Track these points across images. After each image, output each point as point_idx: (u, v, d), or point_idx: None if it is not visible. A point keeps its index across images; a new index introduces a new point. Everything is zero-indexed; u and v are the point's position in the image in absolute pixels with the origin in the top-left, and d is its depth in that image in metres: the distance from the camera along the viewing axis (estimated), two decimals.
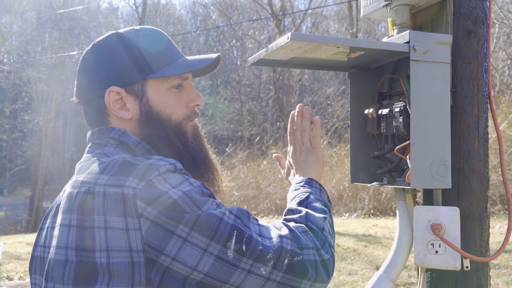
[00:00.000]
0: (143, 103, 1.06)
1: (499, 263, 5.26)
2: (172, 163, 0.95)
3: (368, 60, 1.47)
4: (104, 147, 1.04)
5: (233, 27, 22.88)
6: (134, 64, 1.05)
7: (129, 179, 0.90)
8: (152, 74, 1.05)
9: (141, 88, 1.06)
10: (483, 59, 1.34)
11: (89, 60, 1.08)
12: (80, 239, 0.89)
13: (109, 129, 1.06)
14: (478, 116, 1.33)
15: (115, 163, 0.94)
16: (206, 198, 0.93)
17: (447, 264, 1.25)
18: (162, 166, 0.93)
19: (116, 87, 1.04)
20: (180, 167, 0.97)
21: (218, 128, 22.39)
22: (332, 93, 19.47)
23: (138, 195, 0.88)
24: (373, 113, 1.46)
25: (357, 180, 1.56)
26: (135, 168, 0.92)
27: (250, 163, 13.86)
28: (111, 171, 0.93)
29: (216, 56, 1.11)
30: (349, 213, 10.18)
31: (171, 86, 1.08)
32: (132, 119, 1.06)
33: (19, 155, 24.95)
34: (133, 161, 0.94)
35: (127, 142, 1.04)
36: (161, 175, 0.91)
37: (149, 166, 0.92)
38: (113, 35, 1.08)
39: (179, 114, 1.09)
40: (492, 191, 8.50)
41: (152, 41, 1.08)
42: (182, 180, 0.93)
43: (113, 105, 1.05)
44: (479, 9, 1.34)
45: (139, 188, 0.88)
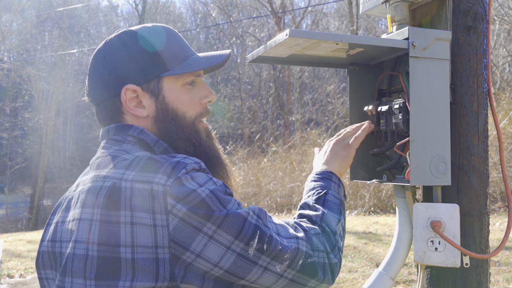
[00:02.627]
0: (159, 100, 1.06)
1: (499, 260, 5.26)
2: (197, 162, 0.96)
3: (367, 57, 1.47)
4: (122, 144, 1.03)
5: (233, 24, 22.85)
6: (149, 61, 1.05)
7: (158, 175, 0.91)
8: (167, 71, 1.05)
9: (156, 85, 1.06)
10: (482, 56, 1.34)
11: (102, 59, 1.07)
12: (104, 234, 0.89)
13: (127, 126, 1.06)
14: (477, 112, 1.32)
15: (140, 160, 0.95)
16: (229, 197, 0.95)
17: (446, 261, 1.25)
18: (189, 164, 0.94)
19: (132, 85, 1.04)
20: (204, 166, 0.98)
21: (219, 126, 22.38)
22: (333, 91, 19.45)
23: (168, 191, 0.89)
24: (372, 110, 1.46)
25: (357, 177, 1.56)
26: (162, 166, 0.92)
27: (250, 160, 13.86)
28: (137, 167, 0.93)
29: (228, 52, 1.13)
30: (349, 210, 10.19)
31: (185, 83, 1.08)
32: (148, 117, 1.06)
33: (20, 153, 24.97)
34: (159, 159, 0.94)
35: (145, 140, 1.04)
36: (188, 173, 0.92)
37: (176, 164, 0.93)
38: (127, 33, 1.08)
39: (194, 112, 1.10)
40: (493, 188, 8.50)
41: (165, 38, 1.08)
42: (207, 179, 0.95)
43: (129, 102, 1.05)
44: (479, 5, 1.33)
45: (168, 185, 0.89)
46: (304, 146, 13.40)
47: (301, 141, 13.89)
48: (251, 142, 17.23)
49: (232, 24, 22.77)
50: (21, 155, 24.92)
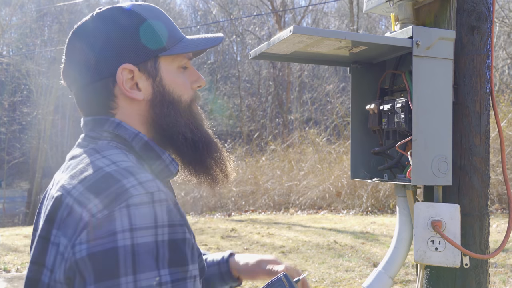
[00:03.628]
0: (156, 82, 0.97)
1: (496, 261, 5.27)
2: (151, 191, 0.79)
3: (370, 56, 1.46)
4: (97, 141, 0.94)
5: (233, 22, 22.82)
6: (146, 39, 0.95)
7: (95, 201, 0.77)
8: (164, 51, 0.97)
9: (154, 66, 0.97)
10: (485, 56, 1.33)
11: (90, 34, 0.95)
12: (37, 251, 0.82)
13: (103, 120, 0.95)
14: (480, 113, 1.32)
15: (98, 173, 0.82)
16: (154, 264, 0.74)
17: (446, 261, 1.25)
18: (136, 196, 0.77)
19: (129, 64, 0.94)
20: (161, 198, 0.79)
21: (217, 123, 22.37)
22: (332, 90, 19.46)
23: (89, 225, 0.75)
24: (374, 109, 1.45)
25: (358, 176, 1.56)
26: (108, 189, 0.78)
27: (249, 159, 13.85)
28: (89, 182, 0.82)
29: (221, 35, 1.06)
30: (347, 210, 10.20)
31: (180, 65, 1.01)
32: (144, 100, 0.96)
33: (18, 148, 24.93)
34: (116, 175, 0.81)
35: (122, 135, 0.94)
36: (129, 208, 0.76)
37: (123, 192, 0.77)
38: (118, 8, 0.98)
39: (188, 95, 1.02)
40: (490, 190, 8.51)
41: (160, 16, 1.00)
42: (147, 224, 0.76)
43: (125, 84, 0.94)
44: (483, 5, 1.33)
45: (96, 217, 0.75)
46: (302, 145, 13.40)
47: (299, 140, 13.89)
48: (250, 140, 17.22)
49: (232, 22, 22.74)
50: (19, 149, 24.88)
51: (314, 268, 5.66)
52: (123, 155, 0.89)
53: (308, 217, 9.77)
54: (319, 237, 7.38)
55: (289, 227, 8.53)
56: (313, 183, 11.20)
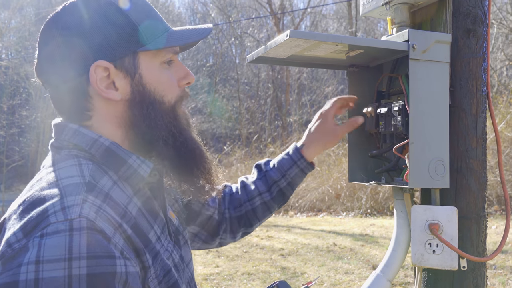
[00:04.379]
0: (135, 81, 0.88)
1: (495, 263, 5.27)
2: (70, 218, 0.70)
3: (367, 59, 1.47)
4: (60, 151, 0.87)
5: (232, 25, 22.85)
6: (123, 33, 0.86)
7: (16, 230, 0.70)
8: (144, 45, 0.87)
9: (132, 63, 0.87)
10: (482, 59, 1.34)
11: (62, 28, 0.86)
12: None
13: (61, 127, 0.88)
14: (476, 115, 1.33)
15: (33, 196, 0.76)
16: None
17: (444, 263, 1.25)
18: (52, 224, 0.69)
19: (103, 61, 0.84)
20: (81, 226, 0.69)
21: (216, 126, 22.37)
22: (331, 92, 19.48)
23: (6, 255, 0.68)
24: (371, 112, 1.46)
25: (355, 179, 1.56)
26: (34, 214, 0.71)
27: (248, 161, 13.85)
28: (23, 206, 0.75)
29: (210, 26, 0.97)
30: (346, 212, 10.19)
31: (163, 61, 0.91)
32: (122, 100, 0.87)
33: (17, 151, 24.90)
34: (48, 198, 0.74)
35: (79, 144, 0.85)
36: (42, 238, 0.67)
37: (43, 220, 0.70)
38: (90, 0, 0.87)
39: (173, 95, 0.92)
40: (489, 192, 8.52)
41: (139, 8, 0.90)
42: (58, 256, 0.66)
43: (100, 83, 0.85)
44: (479, 8, 1.33)
45: (13, 248, 0.68)
46: None
47: None
48: (249, 143, 17.22)
49: (231, 24, 22.77)
50: (18, 153, 24.85)
51: (314, 270, 5.65)
52: (76, 167, 0.82)
53: (307, 220, 9.76)
54: (319, 240, 7.38)
55: (288, 230, 8.53)
56: (312, 185, 11.20)
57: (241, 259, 6.39)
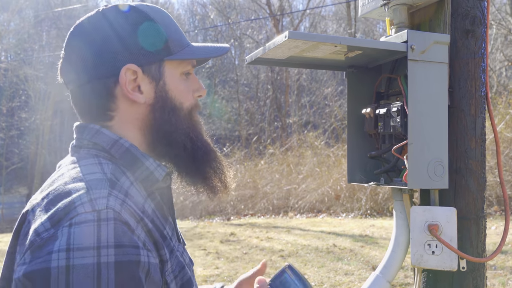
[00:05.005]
0: (159, 86, 0.94)
1: (495, 264, 5.27)
2: (98, 209, 0.74)
3: (366, 60, 1.47)
4: (79, 150, 0.91)
5: (231, 26, 22.87)
6: (153, 41, 0.92)
7: (44, 220, 0.74)
8: (170, 55, 0.94)
9: (158, 69, 0.93)
10: (480, 59, 1.34)
11: (94, 29, 0.91)
12: (5, 267, 0.80)
13: (82, 128, 0.92)
14: (475, 116, 1.33)
15: (58, 190, 0.79)
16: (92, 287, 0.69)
17: (443, 264, 1.25)
18: (81, 214, 0.72)
19: (134, 65, 0.90)
20: (109, 217, 0.73)
21: (216, 127, 22.37)
22: (330, 93, 19.48)
23: (35, 244, 0.72)
24: (370, 113, 1.46)
25: (354, 180, 1.56)
26: (61, 205, 0.75)
27: (248, 162, 13.85)
28: (48, 199, 0.79)
29: (228, 46, 1.04)
30: (346, 213, 10.19)
31: (183, 72, 0.98)
32: (145, 104, 0.93)
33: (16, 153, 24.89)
34: (73, 191, 0.77)
35: (100, 143, 0.90)
36: (71, 227, 0.71)
37: (71, 211, 0.73)
38: (124, 6, 0.94)
39: (190, 103, 0.99)
40: (489, 192, 8.52)
41: (166, 20, 0.96)
42: (87, 244, 0.70)
43: (128, 85, 0.90)
44: (477, 9, 1.34)
45: (41, 237, 0.72)
46: (301, 148, 13.41)
47: (298, 144, 13.90)
48: (249, 144, 17.22)
49: (230, 26, 22.79)
50: (17, 155, 24.84)
51: (313, 271, 5.65)
52: (97, 165, 0.85)
53: (307, 221, 9.76)
54: (318, 241, 7.37)
55: (288, 231, 8.52)
56: (312, 186, 11.20)
57: (241, 260, 6.39)
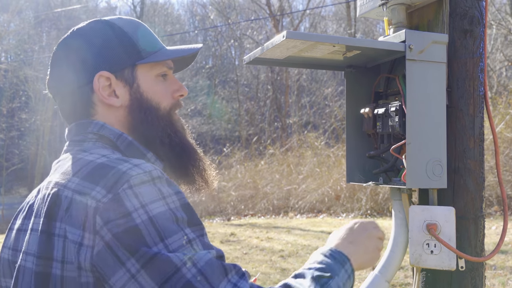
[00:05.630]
0: (133, 89, 1.01)
1: (495, 264, 5.27)
2: (148, 170, 0.84)
3: (364, 60, 1.47)
4: (82, 143, 0.97)
5: (231, 27, 22.88)
6: (123, 49, 1.01)
7: (97, 188, 0.81)
8: (141, 59, 1.02)
9: (131, 74, 1.01)
10: (479, 59, 1.34)
11: (71, 47, 1.02)
12: (42, 246, 0.83)
13: (86, 123, 1.00)
14: (473, 116, 1.33)
15: (91, 165, 0.87)
16: (177, 227, 0.81)
17: (442, 264, 1.25)
18: (135, 176, 0.82)
19: (106, 72, 0.99)
20: (158, 175, 0.85)
21: (216, 128, 22.38)
22: (330, 94, 19.48)
23: (99, 209, 0.79)
24: (369, 113, 1.46)
25: (353, 180, 1.56)
26: (106, 175, 0.83)
27: (248, 163, 13.85)
28: (83, 173, 0.85)
29: (199, 46, 1.10)
30: (346, 213, 10.19)
31: (158, 74, 1.05)
32: (122, 106, 1.01)
33: (16, 154, 24.90)
34: (109, 164, 0.85)
35: (107, 135, 0.98)
36: (132, 188, 0.81)
37: (122, 175, 0.82)
38: (98, 21, 1.04)
39: (167, 103, 1.05)
40: (489, 192, 8.52)
41: (137, 28, 1.05)
42: (155, 198, 0.82)
43: (103, 90, 0.99)
44: (475, 9, 1.34)
45: (103, 202, 0.79)
46: (301, 148, 13.41)
47: (298, 144, 13.90)
48: (249, 145, 17.23)
49: (230, 26, 22.80)
50: (17, 156, 24.85)
51: None
52: (111, 151, 0.93)
53: (307, 221, 9.76)
54: (319, 241, 7.37)
55: (288, 231, 8.52)
56: (312, 186, 11.20)
57: (241, 260, 6.39)
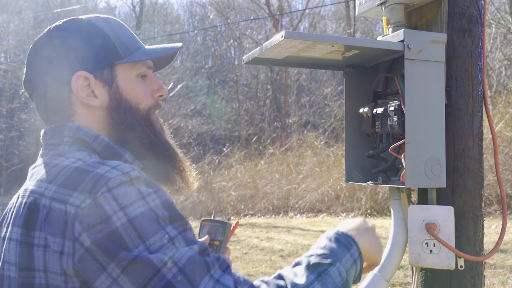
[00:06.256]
0: (112, 89, 0.99)
1: (495, 263, 5.27)
2: (126, 171, 0.83)
3: (363, 59, 1.47)
4: (58, 147, 0.95)
5: (231, 27, 22.87)
6: (102, 48, 0.98)
7: (75, 194, 0.80)
8: (120, 59, 1.00)
9: (110, 74, 0.99)
10: (477, 58, 1.34)
11: (49, 44, 0.98)
12: (22, 257, 0.82)
13: (61, 126, 0.97)
14: (472, 115, 1.33)
15: (67, 170, 0.85)
16: (157, 226, 0.80)
17: (441, 263, 1.25)
18: (113, 178, 0.81)
19: (84, 72, 0.96)
20: (137, 175, 0.84)
21: (216, 128, 22.37)
22: (330, 93, 19.48)
23: (79, 216, 0.78)
24: (368, 112, 1.46)
25: (352, 180, 1.56)
26: (83, 180, 0.82)
27: (248, 163, 13.85)
28: (60, 180, 0.84)
29: (179, 45, 1.08)
30: (346, 213, 10.19)
31: (138, 74, 1.03)
32: (101, 107, 0.99)
33: (16, 154, 24.89)
34: (86, 168, 0.84)
35: (83, 138, 0.96)
36: (111, 191, 0.80)
37: (99, 179, 0.81)
38: (75, 20, 1.01)
39: (147, 104, 1.03)
40: (489, 191, 8.52)
41: (115, 27, 1.03)
42: (135, 198, 0.81)
43: (81, 91, 0.96)
44: (474, 8, 1.34)
45: (82, 208, 0.79)
46: (301, 148, 13.40)
47: (298, 144, 13.90)
48: (248, 144, 17.22)
49: (229, 26, 22.79)
50: (17, 156, 24.84)
51: None
52: (87, 154, 0.92)
53: (307, 221, 9.76)
54: None
55: (288, 231, 8.52)
56: (312, 186, 11.20)
57: (241, 260, 6.39)
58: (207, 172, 13.67)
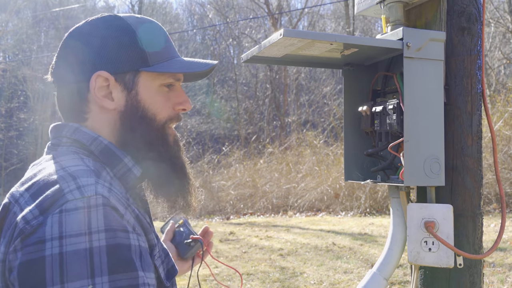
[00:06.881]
0: (131, 95, 0.96)
1: (494, 261, 5.28)
2: (87, 196, 0.76)
3: (362, 58, 1.47)
4: (57, 148, 0.93)
5: (230, 26, 22.86)
6: (130, 52, 0.95)
7: (31, 208, 0.76)
8: (147, 67, 0.96)
9: (132, 79, 0.96)
10: (476, 57, 1.34)
11: (81, 37, 0.97)
12: None
13: (62, 126, 0.96)
14: (471, 113, 1.33)
15: (44, 180, 0.81)
16: (86, 272, 0.71)
17: (440, 261, 1.25)
18: (70, 201, 0.75)
19: (105, 72, 0.94)
20: (98, 202, 0.76)
21: (215, 127, 22.37)
22: (329, 92, 19.49)
23: (24, 232, 0.73)
24: (367, 111, 1.46)
25: (351, 178, 1.56)
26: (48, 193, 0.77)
27: (247, 162, 13.85)
28: (33, 189, 0.81)
29: (214, 63, 1.04)
30: (345, 211, 10.20)
31: (163, 84, 0.99)
32: (115, 110, 0.96)
33: (15, 154, 24.87)
34: (58, 180, 0.79)
35: (80, 139, 0.93)
36: (61, 213, 0.73)
37: (60, 198, 0.76)
38: (112, 17, 0.99)
39: (165, 115, 0.99)
40: (488, 190, 8.53)
41: (152, 33, 0.99)
42: (79, 231, 0.72)
43: (98, 91, 0.94)
44: (473, 6, 1.34)
45: (31, 224, 0.74)
46: (300, 147, 13.41)
47: (297, 143, 13.90)
48: (248, 143, 17.22)
49: (228, 25, 22.78)
50: (16, 156, 24.82)
51: (313, 270, 5.65)
52: (78, 159, 0.88)
53: (307, 219, 9.76)
54: (318, 239, 7.37)
55: (287, 230, 8.52)
56: (311, 185, 11.20)
57: (240, 259, 6.39)
58: (206, 171, 13.68)
